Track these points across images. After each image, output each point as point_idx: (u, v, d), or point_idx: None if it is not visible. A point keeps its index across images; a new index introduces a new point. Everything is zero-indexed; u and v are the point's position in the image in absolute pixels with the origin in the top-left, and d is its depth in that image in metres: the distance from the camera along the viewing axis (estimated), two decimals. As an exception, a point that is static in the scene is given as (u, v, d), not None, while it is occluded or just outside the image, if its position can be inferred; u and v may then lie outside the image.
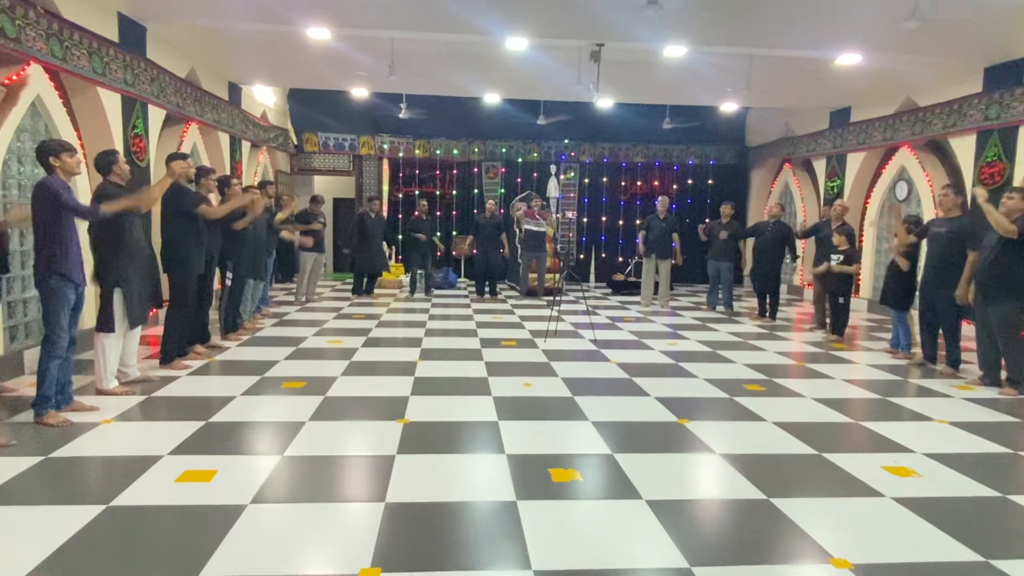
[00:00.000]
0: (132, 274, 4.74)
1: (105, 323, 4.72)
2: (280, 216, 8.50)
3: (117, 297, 4.70)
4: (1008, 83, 7.87)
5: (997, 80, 8.04)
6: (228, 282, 6.74)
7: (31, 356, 5.30)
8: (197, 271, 5.74)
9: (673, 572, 2.59)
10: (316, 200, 10.01)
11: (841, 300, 7.70)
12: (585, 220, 14.41)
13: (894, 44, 7.54)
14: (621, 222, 14.42)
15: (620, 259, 14.17)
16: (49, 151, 4.14)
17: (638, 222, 13.36)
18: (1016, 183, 7.57)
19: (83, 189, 5.94)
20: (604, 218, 14.42)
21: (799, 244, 10.14)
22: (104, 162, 4.73)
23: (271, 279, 8.76)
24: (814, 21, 7.05)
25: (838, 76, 9.18)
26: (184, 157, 5.49)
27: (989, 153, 8.13)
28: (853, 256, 7.61)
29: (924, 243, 6.55)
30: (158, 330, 5.51)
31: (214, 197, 6.24)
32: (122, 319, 4.78)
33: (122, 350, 5.00)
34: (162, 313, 6.00)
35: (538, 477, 3.48)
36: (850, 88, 10.05)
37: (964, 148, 8.56)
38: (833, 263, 7.60)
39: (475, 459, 3.77)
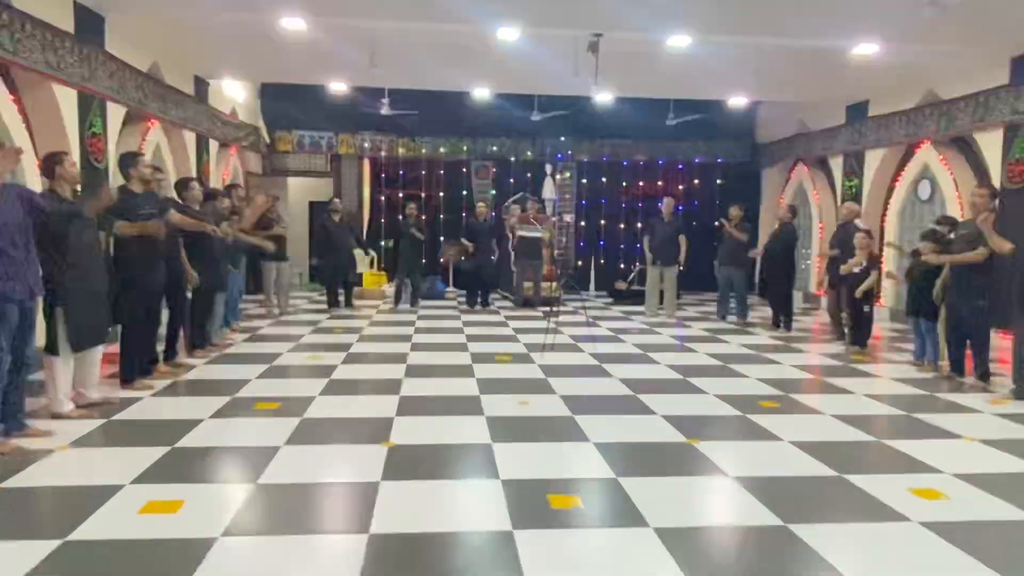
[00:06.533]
0: (77, 291, 4.61)
1: (51, 344, 4.65)
2: (244, 222, 7.92)
3: (59, 316, 4.62)
4: (1038, 74, 7.94)
5: (1026, 71, 8.10)
6: (189, 295, 6.55)
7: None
8: (150, 286, 5.59)
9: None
10: (273, 198, 9.56)
11: (867, 309, 7.67)
12: (583, 224, 14.44)
13: (913, 33, 7.62)
14: (622, 225, 14.47)
15: (622, 266, 14.22)
16: None
17: (640, 226, 13.44)
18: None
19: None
20: (603, 222, 14.46)
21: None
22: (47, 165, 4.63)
23: (241, 291, 8.68)
24: (827, 7, 7.13)
25: (854, 67, 9.28)
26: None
27: (1018, 149, 8.19)
28: (872, 262, 7.59)
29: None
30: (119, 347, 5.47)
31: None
32: (65, 340, 4.65)
33: (79, 370, 4.93)
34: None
35: (536, 504, 3.47)
36: (868, 80, 10.14)
37: (991, 144, 8.63)
38: (853, 265, 7.58)
39: (467, 485, 3.76)
